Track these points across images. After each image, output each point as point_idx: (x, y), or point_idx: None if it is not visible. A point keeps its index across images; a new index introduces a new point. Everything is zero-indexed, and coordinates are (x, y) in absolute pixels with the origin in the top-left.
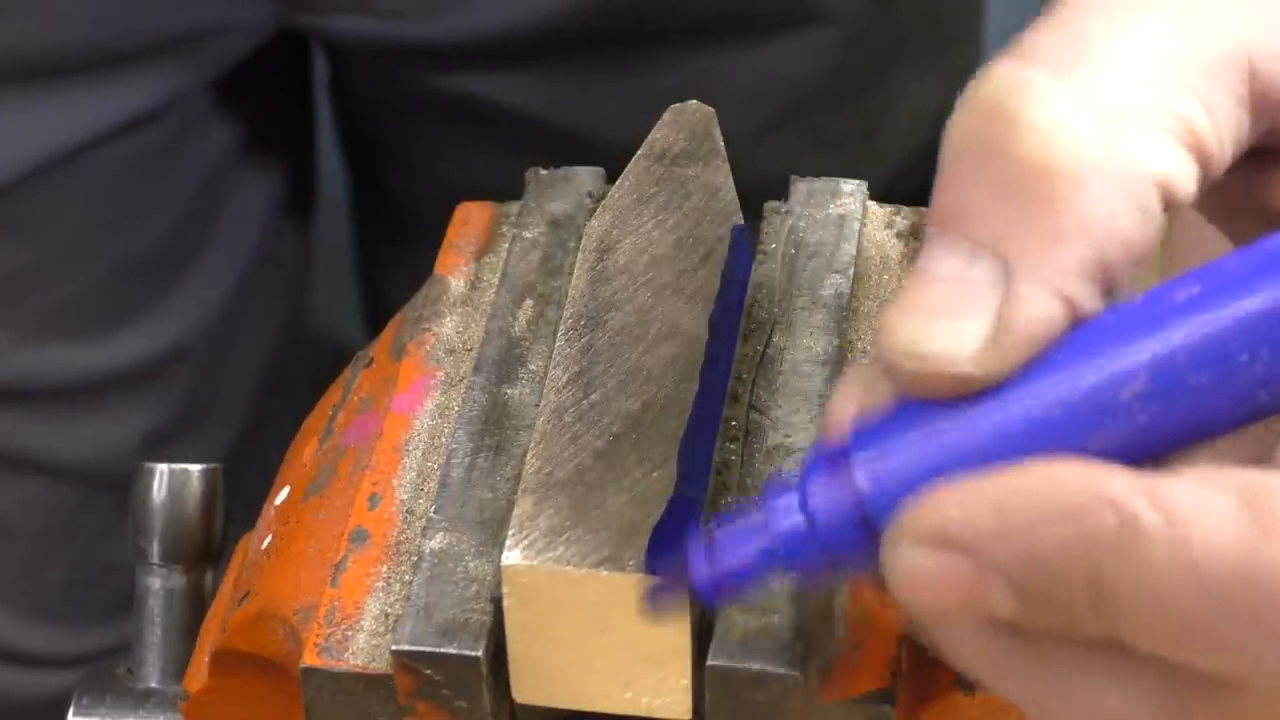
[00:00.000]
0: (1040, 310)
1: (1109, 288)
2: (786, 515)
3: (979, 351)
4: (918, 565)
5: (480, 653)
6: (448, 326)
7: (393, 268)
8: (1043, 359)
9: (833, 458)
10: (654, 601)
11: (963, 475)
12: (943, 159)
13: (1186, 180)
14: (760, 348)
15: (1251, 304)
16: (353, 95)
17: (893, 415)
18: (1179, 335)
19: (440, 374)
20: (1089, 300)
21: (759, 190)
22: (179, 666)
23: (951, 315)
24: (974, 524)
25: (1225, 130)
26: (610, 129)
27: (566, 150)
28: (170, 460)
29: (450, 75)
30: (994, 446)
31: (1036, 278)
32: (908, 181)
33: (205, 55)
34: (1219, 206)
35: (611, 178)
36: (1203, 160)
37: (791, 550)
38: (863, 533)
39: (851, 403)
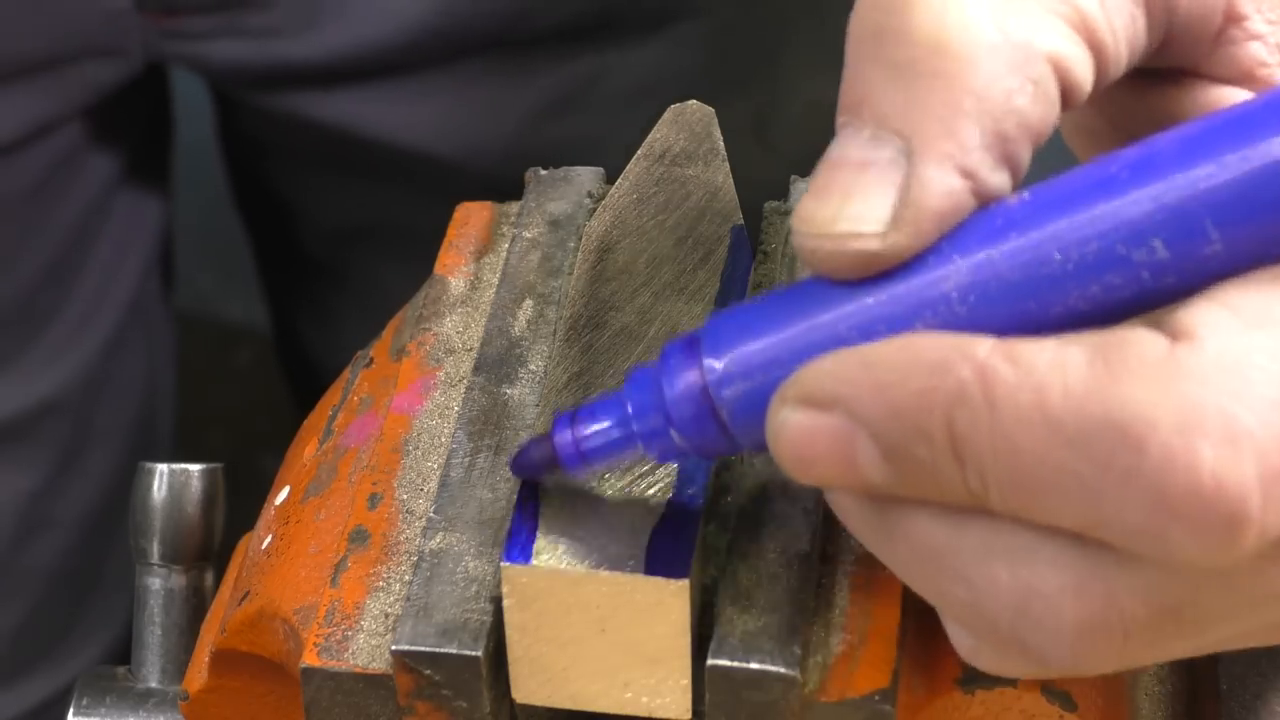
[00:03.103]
0: (941, 184)
1: (1011, 166)
2: (640, 389)
3: (884, 228)
4: (793, 423)
5: (480, 653)
6: (448, 326)
7: (304, 310)
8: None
9: (689, 341)
10: (521, 465)
11: (805, 357)
12: (846, 53)
13: (1080, 65)
14: None
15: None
16: (240, 138)
17: (747, 308)
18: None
19: (440, 374)
20: (991, 175)
21: None
22: (179, 666)
23: (859, 195)
24: (843, 379)
25: (1118, 21)
26: (494, 146)
27: (453, 179)
28: (168, 462)
29: (331, 98)
30: (833, 336)
31: (937, 152)
32: (807, 175)
33: (70, 82)
34: (1113, 129)
35: (611, 178)
36: (1096, 49)
37: (644, 424)
38: (708, 410)
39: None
